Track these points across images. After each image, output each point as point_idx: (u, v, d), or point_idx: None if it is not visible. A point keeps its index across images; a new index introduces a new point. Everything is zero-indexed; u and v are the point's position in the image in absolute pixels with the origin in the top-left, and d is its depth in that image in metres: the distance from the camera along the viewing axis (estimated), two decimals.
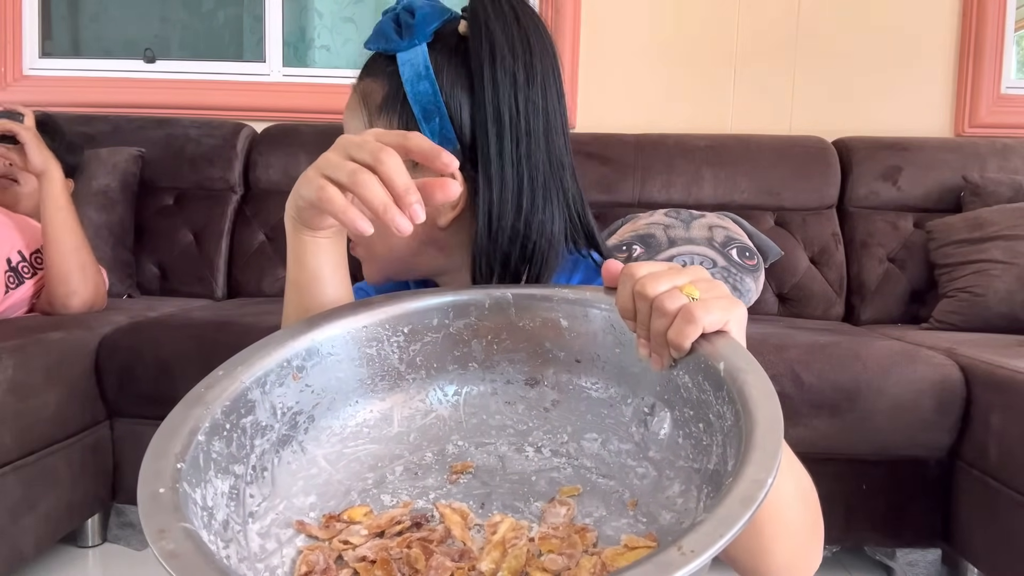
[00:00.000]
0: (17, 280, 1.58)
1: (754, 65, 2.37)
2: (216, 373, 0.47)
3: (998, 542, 1.34)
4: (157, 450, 0.40)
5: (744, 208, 2.16)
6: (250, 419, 0.46)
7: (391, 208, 0.47)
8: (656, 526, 0.45)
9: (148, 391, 1.54)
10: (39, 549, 1.44)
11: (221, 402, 0.44)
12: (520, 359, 0.55)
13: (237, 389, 0.46)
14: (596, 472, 0.50)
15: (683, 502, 0.45)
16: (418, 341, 0.55)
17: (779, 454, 0.36)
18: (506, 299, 0.55)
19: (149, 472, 0.38)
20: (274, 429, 0.48)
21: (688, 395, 0.46)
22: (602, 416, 0.52)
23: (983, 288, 1.85)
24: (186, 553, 0.32)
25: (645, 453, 0.49)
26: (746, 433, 0.38)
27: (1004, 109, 2.32)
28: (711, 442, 0.44)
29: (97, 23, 2.70)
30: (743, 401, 0.40)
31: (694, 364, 0.45)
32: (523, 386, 0.55)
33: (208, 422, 0.42)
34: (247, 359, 0.48)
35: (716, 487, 0.41)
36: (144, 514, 0.35)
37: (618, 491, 0.49)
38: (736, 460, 0.37)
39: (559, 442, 0.53)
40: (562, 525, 0.46)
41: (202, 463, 0.41)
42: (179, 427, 0.41)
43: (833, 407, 1.43)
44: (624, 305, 0.48)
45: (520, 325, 0.55)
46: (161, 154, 2.25)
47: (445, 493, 0.50)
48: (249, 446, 0.46)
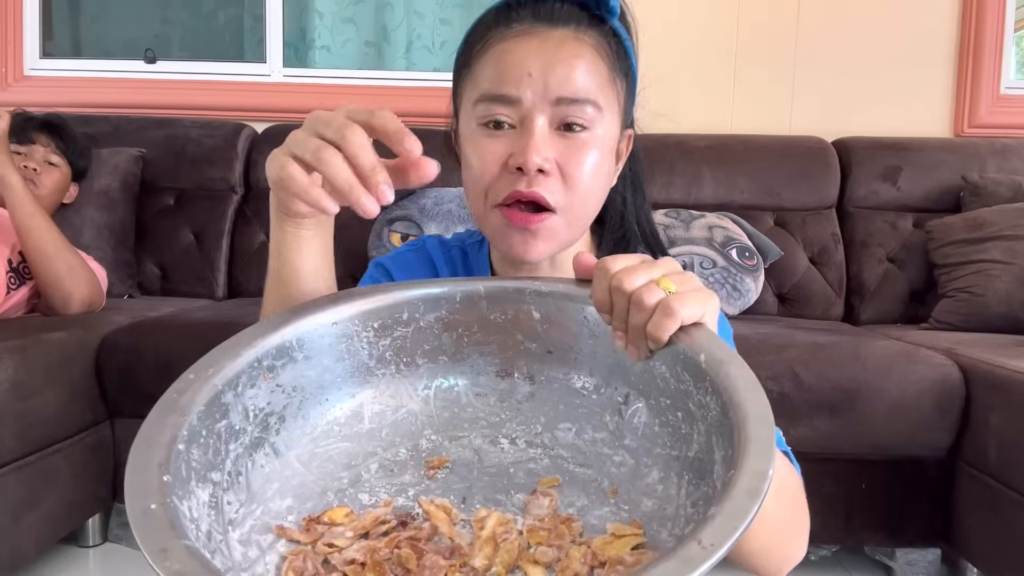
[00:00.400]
0: (19, 280, 1.58)
1: (754, 65, 2.38)
2: (187, 376, 0.45)
3: (998, 542, 1.34)
4: (139, 462, 0.38)
5: (744, 208, 2.16)
6: (224, 423, 0.45)
7: (356, 187, 0.46)
8: (639, 513, 0.45)
9: (149, 391, 1.52)
10: (40, 549, 1.44)
11: (196, 407, 0.43)
12: (491, 351, 0.55)
13: (210, 393, 0.45)
14: (573, 462, 0.50)
15: (663, 489, 0.45)
16: (388, 336, 0.54)
17: (773, 444, 0.36)
18: (477, 292, 0.55)
19: (135, 486, 0.37)
20: (247, 432, 0.47)
21: (665, 385, 0.47)
22: (575, 406, 0.53)
23: (983, 288, 1.85)
24: (193, 572, 0.32)
25: (620, 441, 0.50)
26: (738, 426, 0.38)
27: (1004, 109, 2.33)
28: (691, 431, 0.44)
29: (98, 23, 2.70)
30: (729, 393, 0.41)
31: (672, 355, 0.46)
32: (494, 378, 0.55)
33: (186, 430, 0.41)
34: (217, 360, 0.47)
35: (699, 474, 0.42)
36: (140, 534, 0.34)
37: (597, 479, 0.49)
38: (728, 451, 0.38)
39: (533, 433, 0.53)
40: (547, 516, 0.46)
41: (184, 473, 0.40)
42: (157, 436, 0.40)
43: (833, 407, 1.43)
44: (601, 299, 0.49)
45: (491, 318, 0.55)
46: (162, 154, 2.25)
47: (424, 489, 0.49)
48: (224, 451, 0.44)
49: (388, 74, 2.52)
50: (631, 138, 0.72)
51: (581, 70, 0.62)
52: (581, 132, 0.63)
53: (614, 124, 0.66)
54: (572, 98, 0.62)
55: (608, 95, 0.64)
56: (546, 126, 0.62)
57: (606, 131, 0.65)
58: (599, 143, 0.64)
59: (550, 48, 0.62)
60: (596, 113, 0.63)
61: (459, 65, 0.69)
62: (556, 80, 0.61)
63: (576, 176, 0.63)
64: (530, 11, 0.64)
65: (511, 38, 0.63)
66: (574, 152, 0.63)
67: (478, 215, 0.68)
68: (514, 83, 0.62)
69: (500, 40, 0.64)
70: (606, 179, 0.67)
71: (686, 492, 0.43)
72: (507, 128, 0.63)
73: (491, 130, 0.64)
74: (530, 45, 0.62)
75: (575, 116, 0.62)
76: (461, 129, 0.68)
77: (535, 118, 0.62)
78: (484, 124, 0.64)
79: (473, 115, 0.65)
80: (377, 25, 2.61)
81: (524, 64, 0.62)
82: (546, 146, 0.62)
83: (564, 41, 0.63)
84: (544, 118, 0.62)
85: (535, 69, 0.62)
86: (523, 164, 0.61)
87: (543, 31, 0.63)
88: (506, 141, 0.63)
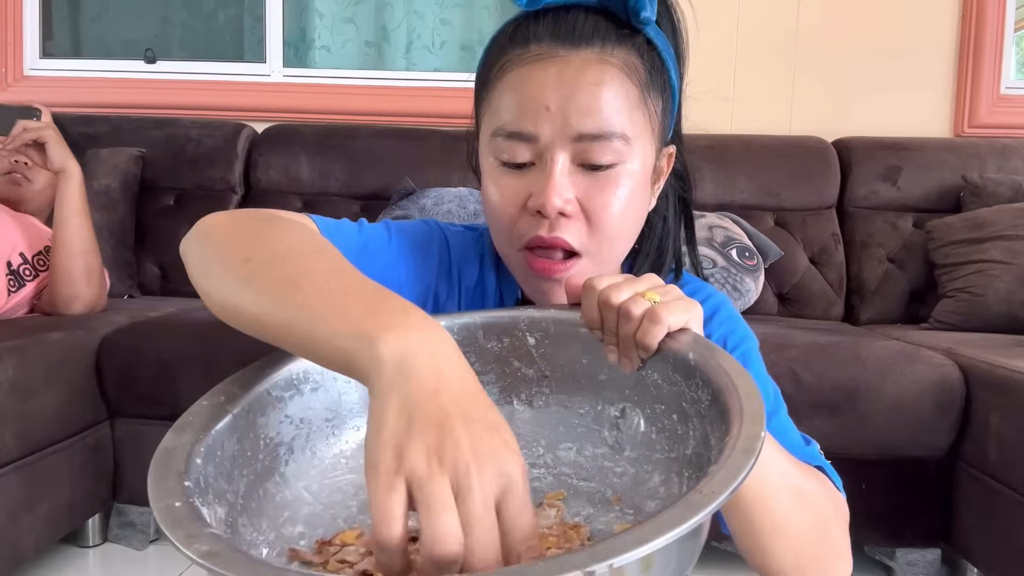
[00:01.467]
0: (18, 283, 1.58)
1: (754, 65, 2.38)
2: (200, 403, 0.46)
3: (998, 542, 1.34)
4: (160, 471, 0.39)
5: (744, 208, 2.16)
6: (236, 448, 0.46)
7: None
8: (644, 515, 0.47)
9: (149, 391, 1.54)
10: (39, 549, 1.44)
11: (211, 429, 0.44)
12: (490, 380, 0.56)
13: (223, 418, 0.45)
14: (576, 477, 0.53)
15: (665, 490, 0.47)
16: None
17: (764, 415, 0.39)
18: (473, 323, 0.56)
19: (159, 490, 0.37)
20: (258, 460, 0.47)
21: (658, 391, 0.49)
22: (574, 426, 0.55)
23: (983, 288, 1.85)
24: (224, 552, 0.32)
25: (620, 454, 0.52)
26: (729, 404, 0.41)
27: (1004, 109, 2.32)
28: (686, 429, 0.47)
29: (98, 23, 2.70)
30: (719, 380, 0.43)
31: (662, 361, 0.49)
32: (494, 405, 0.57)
33: (203, 447, 0.42)
34: (227, 390, 0.48)
35: (698, 467, 0.44)
36: (167, 525, 0.34)
37: (600, 490, 0.51)
38: (724, 426, 0.40)
39: (535, 455, 0.55)
40: (555, 525, 0.47)
41: (203, 484, 0.40)
42: (175, 451, 0.41)
43: (833, 407, 1.43)
44: (591, 316, 0.51)
45: (488, 347, 0.56)
46: (162, 154, 2.25)
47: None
48: (238, 475, 0.45)
49: (388, 74, 2.53)
50: (672, 156, 0.67)
51: (605, 100, 0.57)
52: (607, 169, 0.58)
53: (647, 149, 0.61)
54: (595, 134, 0.57)
55: (638, 120, 0.59)
56: (567, 164, 0.58)
57: (637, 161, 0.59)
58: (628, 177, 0.59)
59: (570, 77, 0.56)
60: (624, 146, 0.58)
61: (478, 83, 0.64)
62: (577, 114, 0.56)
63: (601, 218, 0.59)
64: (550, 27, 0.58)
65: (529, 63, 0.58)
66: (598, 191, 0.58)
67: (502, 252, 0.64)
68: (531, 119, 0.57)
69: (518, 65, 0.58)
70: (638, 212, 0.63)
71: (688, 487, 0.44)
72: (527, 166, 0.59)
73: (509, 168, 0.60)
74: (549, 73, 0.57)
75: (599, 154, 0.57)
76: (480, 152, 0.64)
77: (555, 157, 0.57)
78: (502, 161, 0.60)
79: (490, 148, 0.60)
80: (377, 25, 2.61)
81: (542, 97, 0.57)
82: (566, 187, 0.57)
83: (586, 66, 0.57)
84: (565, 155, 0.57)
85: (554, 102, 0.56)
86: (542, 208, 0.57)
87: (563, 55, 0.57)
88: (525, 180, 0.59)
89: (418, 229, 0.70)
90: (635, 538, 0.29)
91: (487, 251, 0.71)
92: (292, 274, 0.45)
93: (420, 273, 0.67)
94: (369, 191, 2.25)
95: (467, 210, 2.03)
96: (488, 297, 0.69)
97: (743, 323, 0.68)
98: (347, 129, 2.30)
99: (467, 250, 0.70)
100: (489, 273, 0.70)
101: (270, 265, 0.47)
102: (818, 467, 0.62)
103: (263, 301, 0.44)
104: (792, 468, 0.55)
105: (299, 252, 0.48)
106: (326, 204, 2.23)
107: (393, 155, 2.24)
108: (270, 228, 0.53)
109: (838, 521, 0.59)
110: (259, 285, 0.45)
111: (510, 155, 0.59)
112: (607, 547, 0.29)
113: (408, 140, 2.27)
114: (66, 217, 1.57)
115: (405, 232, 0.68)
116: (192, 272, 0.53)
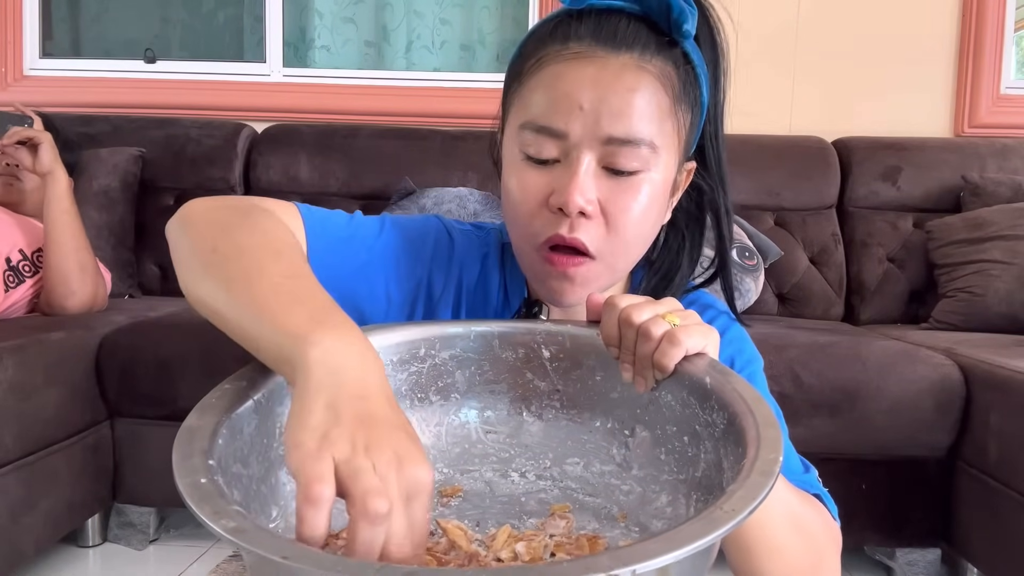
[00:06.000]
0: (17, 279, 1.58)
1: (754, 65, 2.37)
2: (223, 386, 0.46)
3: (998, 542, 1.34)
4: (184, 449, 0.40)
5: (744, 208, 2.16)
6: (255, 432, 0.46)
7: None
8: (649, 534, 0.47)
9: (149, 391, 1.54)
10: (39, 549, 1.44)
11: (232, 413, 0.44)
12: (502, 390, 0.57)
13: (244, 402, 0.46)
14: (582, 492, 0.53)
15: (672, 510, 0.48)
16: (404, 370, 0.56)
17: (781, 442, 0.39)
18: (491, 332, 0.57)
19: (184, 467, 0.38)
20: (273, 448, 0.48)
21: (671, 413, 0.50)
22: (582, 441, 0.55)
23: (983, 288, 1.85)
24: (250, 528, 0.33)
25: (628, 472, 0.52)
26: (746, 428, 0.41)
27: (1004, 109, 2.32)
28: (697, 452, 0.47)
29: (98, 23, 2.70)
30: (735, 405, 0.44)
31: (677, 383, 0.49)
32: (504, 416, 0.57)
33: (225, 428, 0.42)
34: (248, 375, 0.48)
35: (707, 490, 0.45)
36: (194, 500, 0.35)
37: (606, 507, 0.52)
38: (739, 449, 0.40)
39: (543, 467, 0.55)
40: (565, 535, 0.48)
41: (223, 465, 0.41)
42: (199, 431, 0.41)
43: (833, 407, 1.43)
44: (610, 333, 0.52)
45: (503, 357, 0.57)
46: (162, 154, 2.25)
47: (438, 515, 0.51)
48: (254, 460, 0.46)
49: (388, 74, 2.52)
50: (691, 172, 0.66)
51: (638, 106, 0.56)
52: (631, 175, 0.58)
53: (671, 161, 0.60)
54: (624, 139, 0.56)
55: (667, 130, 0.59)
56: (592, 164, 0.57)
57: (660, 171, 0.59)
58: (651, 185, 0.59)
59: (607, 79, 0.56)
60: (650, 154, 0.58)
61: (511, 74, 0.63)
62: (609, 116, 0.56)
63: (620, 222, 0.58)
64: (591, 28, 0.57)
65: (567, 60, 0.57)
66: (620, 195, 0.58)
67: (517, 248, 0.64)
68: (563, 116, 0.57)
69: (555, 61, 0.58)
70: (655, 222, 0.62)
71: (695, 510, 0.45)
72: (551, 163, 0.59)
73: (534, 163, 0.59)
74: (585, 72, 0.56)
75: (625, 159, 0.57)
76: (505, 144, 0.64)
77: (582, 156, 0.57)
78: (527, 155, 0.59)
79: (517, 140, 0.60)
80: (377, 25, 2.61)
81: (576, 95, 0.56)
82: (590, 187, 0.57)
83: (623, 71, 0.56)
84: (591, 156, 0.57)
85: (587, 102, 0.56)
86: (564, 206, 0.57)
87: (602, 56, 0.57)
88: (548, 176, 0.58)
89: (416, 222, 0.70)
90: (658, 547, 0.31)
91: (492, 250, 0.70)
92: (251, 270, 0.48)
93: (411, 266, 0.67)
94: (369, 191, 2.24)
95: (467, 210, 2.03)
96: (490, 297, 0.69)
97: (751, 343, 0.68)
98: (347, 129, 2.30)
99: (471, 247, 0.70)
100: (493, 272, 0.70)
101: (235, 258, 0.50)
102: (816, 495, 0.63)
103: (219, 291, 0.49)
104: (791, 495, 0.56)
105: (262, 249, 0.51)
106: (326, 204, 2.19)
107: (393, 155, 2.24)
108: (243, 220, 0.54)
109: (832, 549, 0.61)
110: (219, 276, 0.49)
111: (536, 149, 0.58)
112: (630, 553, 0.30)
113: (408, 140, 2.27)
114: (55, 216, 1.59)
115: (400, 225, 0.68)
116: (172, 255, 0.57)
